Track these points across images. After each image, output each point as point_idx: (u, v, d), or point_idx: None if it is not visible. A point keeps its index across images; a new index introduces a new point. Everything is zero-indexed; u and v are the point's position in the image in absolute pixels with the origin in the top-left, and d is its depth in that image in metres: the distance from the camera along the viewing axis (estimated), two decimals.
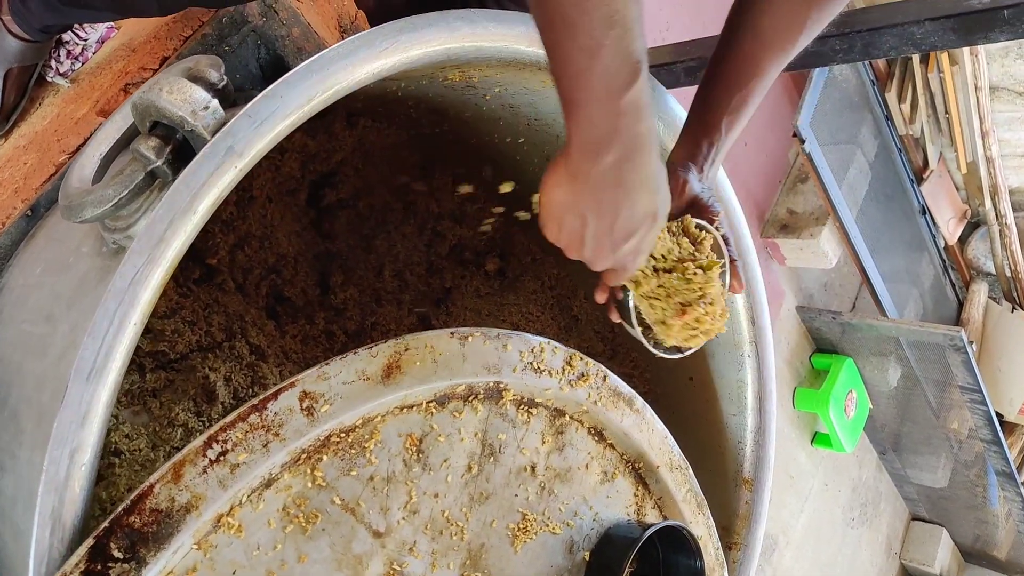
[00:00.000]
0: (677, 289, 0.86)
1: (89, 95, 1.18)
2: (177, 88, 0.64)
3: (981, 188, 3.24)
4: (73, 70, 1.30)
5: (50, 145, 1.12)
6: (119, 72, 1.17)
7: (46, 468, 0.58)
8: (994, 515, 3.42)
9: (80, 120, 1.12)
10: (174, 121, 0.65)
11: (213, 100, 0.66)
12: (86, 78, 1.25)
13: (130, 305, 0.61)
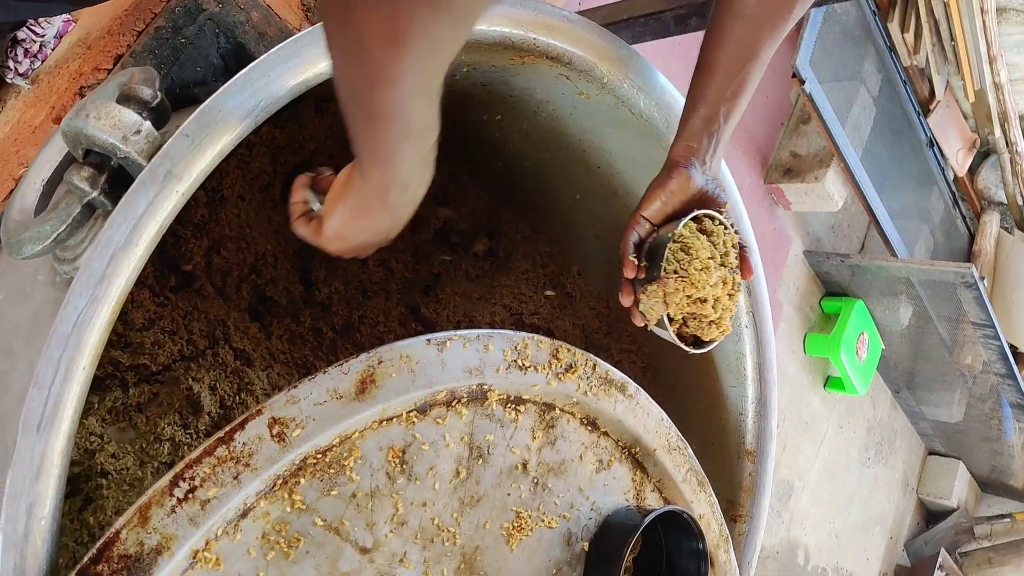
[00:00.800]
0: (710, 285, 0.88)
1: (47, 99, 1.14)
2: (105, 113, 0.61)
3: (990, 116, 3.15)
4: (33, 69, 1.25)
5: (9, 157, 1.08)
6: (74, 73, 1.13)
7: (2, 527, 0.56)
8: (1009, 446, 3.40)
9: (37, 128, 1.08)
10: (105, 148, 0.61)
11: (145, 123, 0.62)
12: (45, 78, 1.21)
13: (75, 350, 0.58)
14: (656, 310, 0.90)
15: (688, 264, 0.88)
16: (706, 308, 0.90)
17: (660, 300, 0.89)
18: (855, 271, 2.79)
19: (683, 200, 0.91)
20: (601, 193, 1.19)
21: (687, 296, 0.88)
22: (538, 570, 0.90)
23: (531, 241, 1.33)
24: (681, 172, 0.89)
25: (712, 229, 0.91)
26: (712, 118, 0.90)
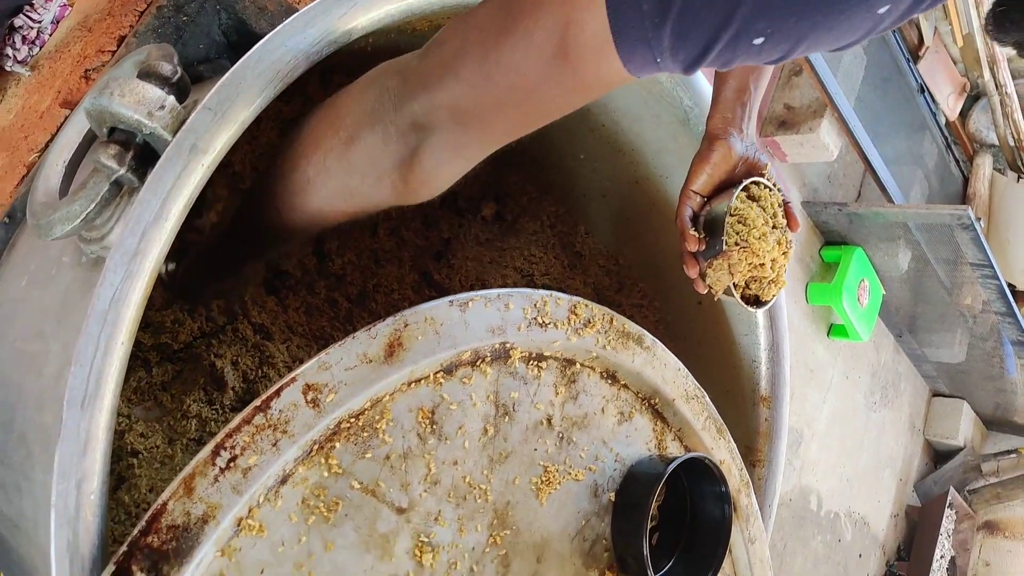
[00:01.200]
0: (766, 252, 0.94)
1: (51, 84, 1.14)
2: (129, 90, 0.61)
3: (978, 59, 3.14)
4: (32, 55, 1.25)
5: (18, 144, 1.08)
6: (77, 56, 1.13)
7: (54, 504, 0.58)
8: (1012, 383, 3.44)
9: (44, 114, 1.08)
10: (131, 125, 0.62)
11: (169, 97, 0.63)
12: (46, 64, 1.20)
13: (114, 326, 0.59)
14: (723, 281, 0.95)
15: (748, 234, 0.92)
16: (765, 270, 0.95)
17: (726, 271, 0.94)
18: (853, 219, 2.80)
19: (727, 169, 0.95)
20: (606, 151, 1.20)
21: (748, 264, 0.93)
22: (568, 522, 0.92)
23: (537, 202, 1.34)
24: (722, 143, 0.93)
25: (759, 194, 0.95)
26: (743, 88, 0.94)
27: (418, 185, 0.75)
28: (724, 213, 0.92)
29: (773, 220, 0.95)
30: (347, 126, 0.74)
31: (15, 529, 0.80)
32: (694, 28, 0.55)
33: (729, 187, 0.95)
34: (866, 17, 0.54)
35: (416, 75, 0.69)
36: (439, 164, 0.73)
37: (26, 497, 0.75)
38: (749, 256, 0.92)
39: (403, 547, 0.77)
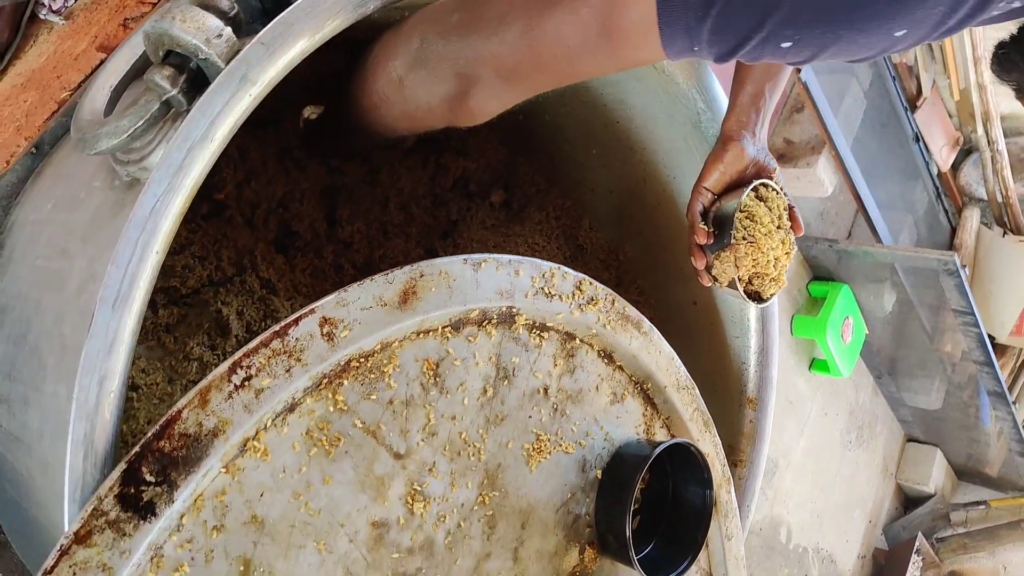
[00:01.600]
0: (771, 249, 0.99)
1: (86, 31, 1.16)
2: (190, 16, 0.64)
3: (973, 115, 3.22)
4: (66, 7, 1.27)
5: (50, 82, 1.10)
6: (116, 7, 1.15)
7: (76, 396, 0.60)
8: (986, 434, 3.49)
9: (80, 56, 1.10)
10: (188, 49, 0.65)
11: (226, 28, 0.65)
12: (80, 14, 1.23)
13: (151, 234, 0.62)
14: (728, 273, 0.99)
15: (755, 230, 0.97)
16: (768, 267, 1.00)
17: (732, 264, 0.98)
18: (842, 256, 2.85)
19: (739, 169, 1.00)
20: (618, 148, 1.23)
21: (754, 259, 0.97)
22: (554, 492, 0.94)
23: (545, 193, 1.37)
24: (735, 145, 0.99)
25: (767, 195, 1.00)
26: (758, 94, 0.99)
27: (465, 118, 0.83)
28: (734, 209, 0.97)
29: (779, 221, 0.99)
30: (397, 67, 0.82)
31: (15, 443, 0.81)
32: (731, 26, 0.61)
33: (738, 187, 1.00)
34: (884, 37, 0.60)
35: (459, 30, 0.74)
36: (483, 104, 0.81)
37: (33, 408, 0.77)
38: (755, 251, 0.96)
39: (396, 492, 0.79)
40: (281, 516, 0.70)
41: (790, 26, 0.60)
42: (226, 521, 0.67)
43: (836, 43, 0.61)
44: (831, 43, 0.61)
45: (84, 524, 0.57)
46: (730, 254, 0.97)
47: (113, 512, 0.59)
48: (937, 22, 0.59)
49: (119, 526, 0.59)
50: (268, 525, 0.69)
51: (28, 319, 0.81)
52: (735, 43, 0.62)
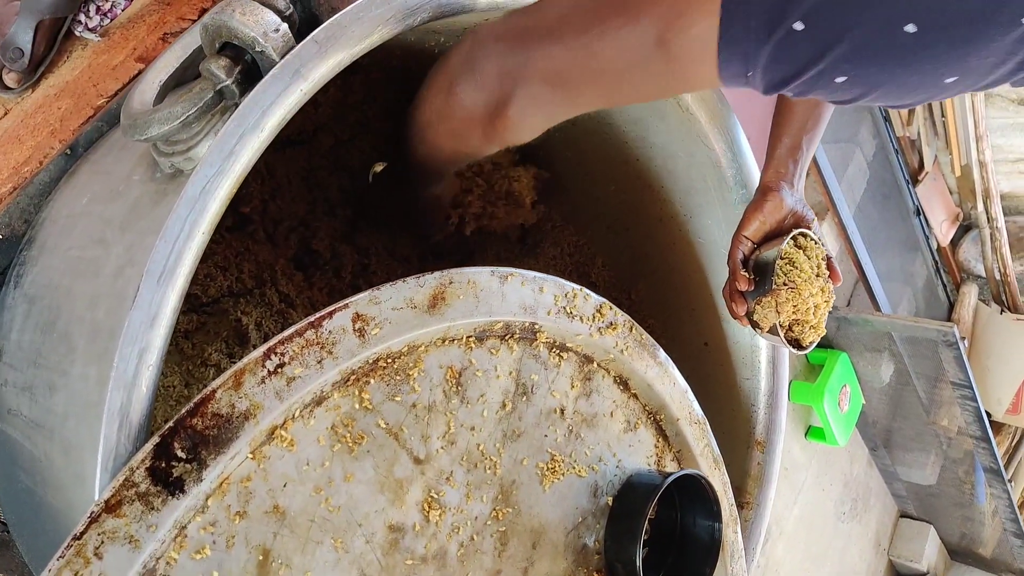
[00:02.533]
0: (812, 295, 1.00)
1: (123, 45, 1.20)
2: (250, 10, 0.67)
3: (974, 192, 3.29)
4: (102, 25, 1.31)
5: (86, 90, 1.13)
6: (155, 23, 1.19)
7: (116, 365, 0.60)
8: (980, 512, 3.46)
9: (118, 66, 1.13)
10: (245, 42, 0.67)
11: (283, 24, 0.68)
12: (117, 32, 1.26)
13: (200, 213, 0.63)
14: (770, 319, 1.01)
15: (796, 276, 0.99)
16: (808, 315, 1.02)
17: (773, 310, 1.00)
18: (841, 324, 2.88)
19: (778, 219, 1.03)
20: (636, 186, 1.26)
21: (794, 305, 0.99)
22: (566, 515, 0.94)
23: (560, 230, 1.39)
24: (775, 195, 1.02)
25: (806, 244, 1.02)
26: (796, 146, 1.03)
27: (504, 131, 0.82)
28: (775, 256, 0.99)
29: (818, 269, 1.02)
30: (449, 72, 0.84)
31: (35, 429, 0.81)
32: (790, 56, 0.62)
33: (777, 236, 1.03)
34: (934, 82, 0.62)
35: (513, 32, 0.76)
36: (524, 115, 0.80)
37: (59, 393, 0.77)
38: (795, 297, 0.98)
39: (414, 497, 0.79)
40: (302, 509, 0.70)
41: (848, 61, 0.60)
42: (249, 508, 0.66)
43: (887, 84, 0.62)
44: (883, 83, 0.62)
45: (115, 493, 0.57)
46: (772, 299, 0.99)
47: (144, 484, 0.59)
48: (986, 71, 0.60)
49: (148, 499, 0.59)
50: (289, 517, 0.69)
51: (58, 307, 0.81)
52: (791, 73, 0.63)
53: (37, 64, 1.25)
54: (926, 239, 3.33)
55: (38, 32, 1.23)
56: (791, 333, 1.05)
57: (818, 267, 1.02)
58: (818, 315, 1.03)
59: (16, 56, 1.19)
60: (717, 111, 1.10)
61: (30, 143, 1.09)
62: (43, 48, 1.26)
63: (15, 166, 1.06)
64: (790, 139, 1.03)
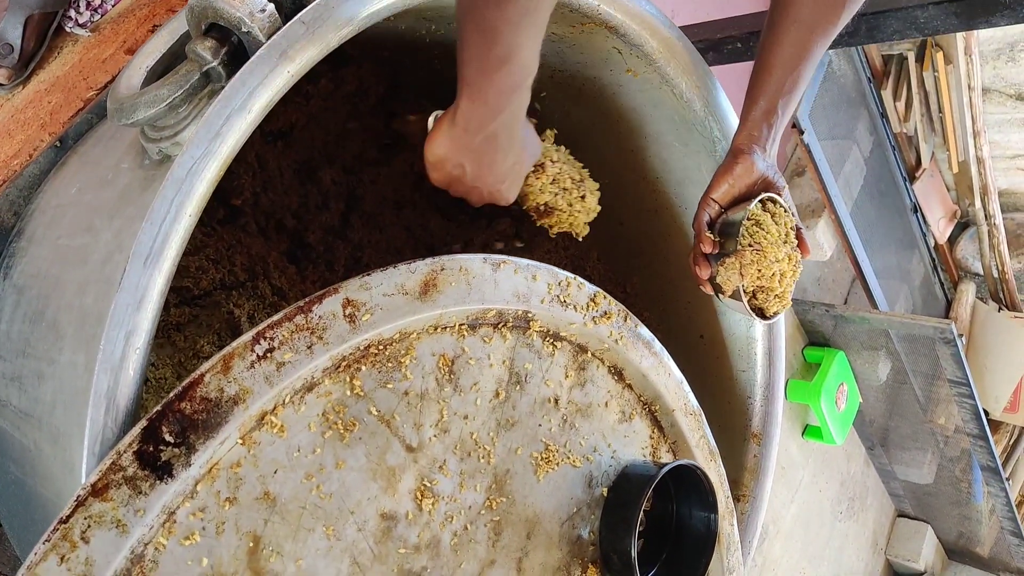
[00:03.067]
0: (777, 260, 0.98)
1: (113, 39, 1.19)
2: None
3: (971, 188, 3.29)
4: (92, 21, 1.30)
5: (76, 84, 1.13)
6: (145, 16, 1.19)
7: (102, 348, 0.60)
8: (978, 511, 3.46)
9: (108, 59, 1.13)
10: (231, 22, 0.66)
11: (270, 5, 0.68)
12: (107, 27, 1.26)
13: (186, 195, 0.62)
14: (732, 281, 0.99)
15: (762, 238, 0.97)
16: (773, 281, 1.00)
17: (736, 272, 0.98)
18: (838, 322, 2.87)
19: (747, 184, 1.01)
20: (631, 178, 1.25)
21: (759, 269, 0.98)
22: (560, 505, 0.93)
23: None
24: (745, 158, 0.99)
25: (775, 211, 1.01)
26: (771, 110, 1.00)
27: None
28: (742, 218, 0.98)
29: (786, 236, 1.00)
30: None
31: (24, 419, 0.80)
32: None
33: (746, 201, 1.00)
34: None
35: None
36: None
37: (47, 381, 0.76)
38: (760, 259, 0.97)
39: (407, 486, 0.78)
40: (293, 496, 0.69)
41: None
42: (239, 494, 0.66)
43: None
44: None
45: (102, 477, 0.56)
46: (736, 260, 0.97)
47: (131, 468, 0.58)
48: None
49: (136, 483, 0.58)
50: (280, 504, 0.68)
51: (46, 296, 0.81)
52: None
53: (28, 60, 1.24)
54: (923, 236, 3.33)
55: (27, 27, 1.23)
56: (755, 301, 1.03)
57: (786, 234, 1.01)
58: (783, 284, 1.01)
59: (6, 52, 1.18)
60: (712, 98, 1.10)
61: (20, 137, 1.08)
62: (33, 43, 1.25)
63: (4, 160, 1.05)
64: (766, 101, 1.01)
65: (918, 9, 1.43)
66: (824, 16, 0.98)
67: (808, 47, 0.99)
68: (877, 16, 1.47)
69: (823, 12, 0.98)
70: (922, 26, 1.45)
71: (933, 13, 1.42)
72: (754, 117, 1.00)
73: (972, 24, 1.41)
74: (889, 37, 1.50)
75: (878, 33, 1.50)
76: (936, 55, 2.94)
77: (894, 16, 1.46)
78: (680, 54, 1.06)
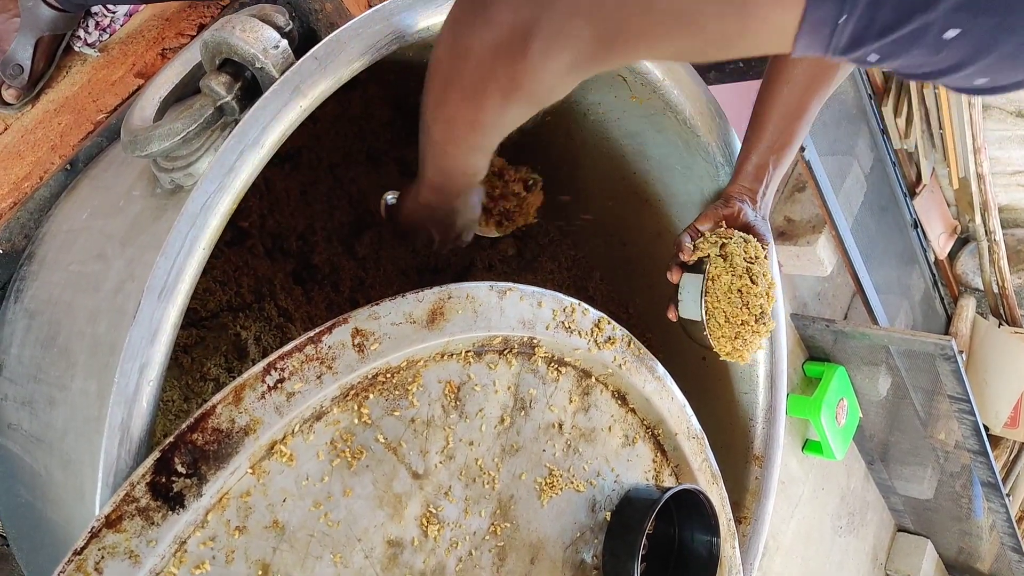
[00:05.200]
0: (750, 292, 1.00)
1: (123, 61, 1.21)
2: (250, 27, 0.67)
3: (972, 204, 3.30)
4: (101, 41, 1.32)
5: (85, 106, 1.14)
6: (154, 39, 1.20)
7: (116, 381, 0.60)
8: (978, 527, 3.46)
9: (117, 82, 1.14)
10: (245, 59, 0.68)
11: (283, 40, 0.69)
12: (116, 47, 1.27)
13: (201, 229, 0.64)
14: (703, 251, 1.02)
15: (722, 270, 1.00)
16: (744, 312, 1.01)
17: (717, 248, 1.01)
18: (839, 337, 2.88)
19: (733, 227, 1.04)
20: (633, 201, 1.26)
21: (728, 283, 1.00)
22: (564, 530, 0.94)
23: (557, 244, 1.39)
24: (735, 204, 1.03)
25: (752, 262, 1.02)
26: (763, 165, 1.04)
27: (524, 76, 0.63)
28: (715, 242, 1.01)
29: (741, 286, 1.01)
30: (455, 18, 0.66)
31: (35, 444, 0.81)
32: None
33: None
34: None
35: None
36: (548, 55, 0.61)
37: (59, 407, 0.77)
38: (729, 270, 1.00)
39: (413, 512, 0.79)
40: (301, 524, 0.70)
41: (965, 10, 0.50)
42: (248, 523, 0.67)
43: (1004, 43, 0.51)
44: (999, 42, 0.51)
45: (116, 508, 0.57)
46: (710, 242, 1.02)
47: (144, 499, 0.59)
48: None
49: (148, 514, 0.59)
50: (288, 532, 0.69)
51: (58, 321, 0.81)
52: (893, 21, 0.51)
53: (37, 80, 1.25)
54: (924, 252, 3.33)
55: (38, 48, 1.24)
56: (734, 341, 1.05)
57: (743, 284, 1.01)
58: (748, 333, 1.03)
59: (16, 72, 1.19)
60: (715, 124, 1.11)
61: (30, 158, 1.09)
62: (43, 64, 1.26)
63: (15, 181, 1.06)
64: (758, 157, 1.04)
65: None
66: (817, 79, 1.00)
67: (802, 107, 1.02)
68: None
69: (816, 75, 1.00)
70: None
71: None
72: (747, 171, 1.04)
73: None
74: None
75: None
76: None
77: None
78: (684, 81, 1.07)
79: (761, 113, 1.03)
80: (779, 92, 1.01)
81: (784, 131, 1.02)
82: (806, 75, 0.99)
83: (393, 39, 0.75)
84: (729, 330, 1.03)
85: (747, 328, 1.02)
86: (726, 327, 1.03)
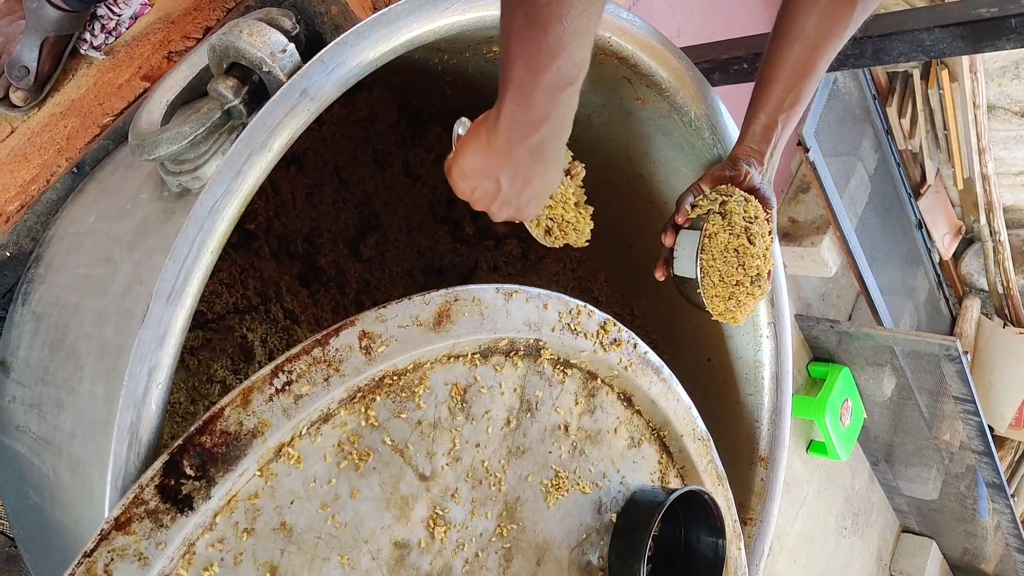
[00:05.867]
0: (747, 252, 0.99)
1: (128, 64, 1.21)
2: (257, 31, 0.67)
3: (976, 205, 3.30)
4: (107, 44, 1.32)
5: (91, 109, 1.14)
6: (160, 42, 1.20)
7: (125, 384, 0.61)
8: (983, 528, 3.45)
9: (123, 85, 1.14)
10: (252, 62, 0.68)
11: (290, 44, 0.69)
12: (122, 50, 1.27)
13: (209, 232, 0.64)
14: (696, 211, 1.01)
15: (719, 228, 0.98)
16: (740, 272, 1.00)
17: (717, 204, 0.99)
18: (843, 338, 2.88)
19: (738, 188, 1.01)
20: (638, 203, 1.26)
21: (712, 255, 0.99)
22: (570, 532, 0.94)
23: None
24: (741, 165, 1.01)
25: (751, 222, 1.00)
26: (772, 125, 1.01)
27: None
28: (714, 199, 1.00)
29: (738, 245, 1.00)
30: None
31: (43, 446, 0.81)
32: None
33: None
34: None
35: None
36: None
37: (66, 410, 0.78)
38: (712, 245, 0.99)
39: (420, 514, 0.79)
40: (309, 526, 0.70)
41: None
42: (256, 525, 0.67)
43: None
44: None
45: (125, 511, 0.57)
46: (709, 200, 1.00)
47: (153, 502, 0.59)
48: None
49: (158, 516, 0.59)
50: (296, 534, 0.69)
51: (66, 324, 0.82)
52: None
53: (43, 82, 1.26)
54: (928, 252, 3.33)
55: (43, 50, 1.24)
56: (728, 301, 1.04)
57: (741, 243, 1.00)
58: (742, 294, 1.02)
59: (22, 74, 1.20)
60: (720, 126, 1.11)
61: (37, 161, 1.09)
62: (48, 66, 1.27)
63: (22, 184, 1.07)
64: (766, 116, 1.01)
65: (924, 32, 1.43)
66: (830, 31, 0.98)
67: (812, 62, 0.99)
68: (883, 39, 1.48)
69: (829, 27, 0.98)
70: (928, 49, 1.45)
71: (939, 36, 1.43)
72: (754, 131, 1.01)
73: (978, 47, 1.41)
74: (895, 60, 1.51)
75: (884, 55, 1.51)
76: (941, 73, 2.95)
77: (900, 39, 1.47)
78: (689, 83, 1.07)
79: (770, 71, 1.00)
80: (789, 48, 0.99)
81: (794, 88, 1.00)
82: (817, 30, 0.97)
83: (399, 42, 0.75)
84: (723, 290, 1.02)
85: (741, 289, 1.01)
86: (720, 287, 1.02)
